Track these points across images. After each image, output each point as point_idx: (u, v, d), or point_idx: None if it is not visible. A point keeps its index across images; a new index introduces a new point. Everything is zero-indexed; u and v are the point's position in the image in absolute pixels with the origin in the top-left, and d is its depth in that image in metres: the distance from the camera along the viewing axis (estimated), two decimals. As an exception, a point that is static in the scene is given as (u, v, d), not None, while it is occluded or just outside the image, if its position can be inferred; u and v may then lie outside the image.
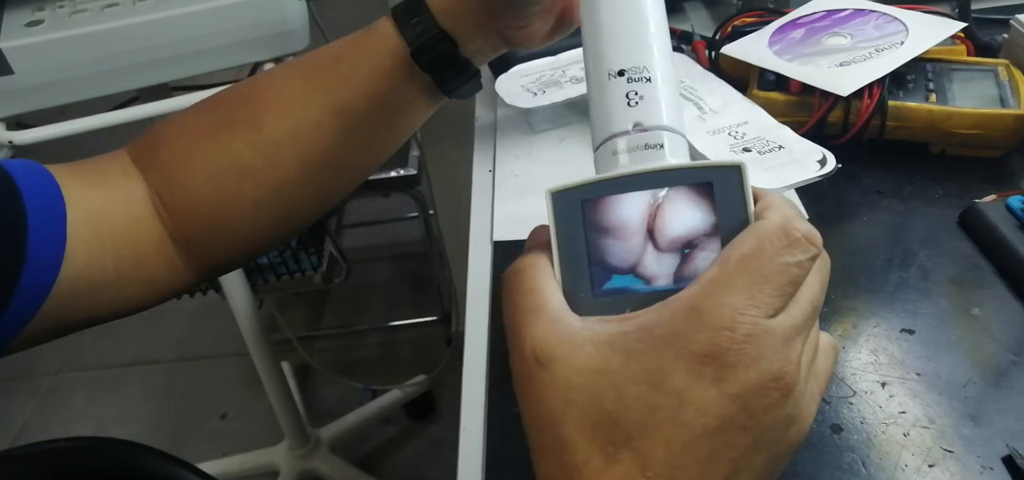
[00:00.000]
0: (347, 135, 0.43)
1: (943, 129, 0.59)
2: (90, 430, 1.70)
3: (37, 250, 0.37)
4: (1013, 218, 0.51)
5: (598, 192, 0.26)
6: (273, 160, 0.42)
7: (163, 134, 0.44)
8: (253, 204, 0.43)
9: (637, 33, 0.28)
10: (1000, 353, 0.45)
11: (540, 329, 0.25)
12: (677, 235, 0.26)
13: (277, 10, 0.78)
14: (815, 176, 0.55)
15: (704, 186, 0.25)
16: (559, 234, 0.26)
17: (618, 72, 0.28)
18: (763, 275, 0.24)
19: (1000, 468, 0.39)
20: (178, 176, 0.43)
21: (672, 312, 0.24)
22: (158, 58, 0.78)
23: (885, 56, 0.61)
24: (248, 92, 0.44)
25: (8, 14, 0.77)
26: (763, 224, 0.25)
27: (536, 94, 0.66)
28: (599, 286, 0.26)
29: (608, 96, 0.28)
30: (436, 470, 1.52)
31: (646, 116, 0.27)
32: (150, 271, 0.43)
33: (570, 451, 0.24)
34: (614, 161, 0.27)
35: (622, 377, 0.24)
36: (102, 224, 0.40)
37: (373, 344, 1.83)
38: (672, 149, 0.27)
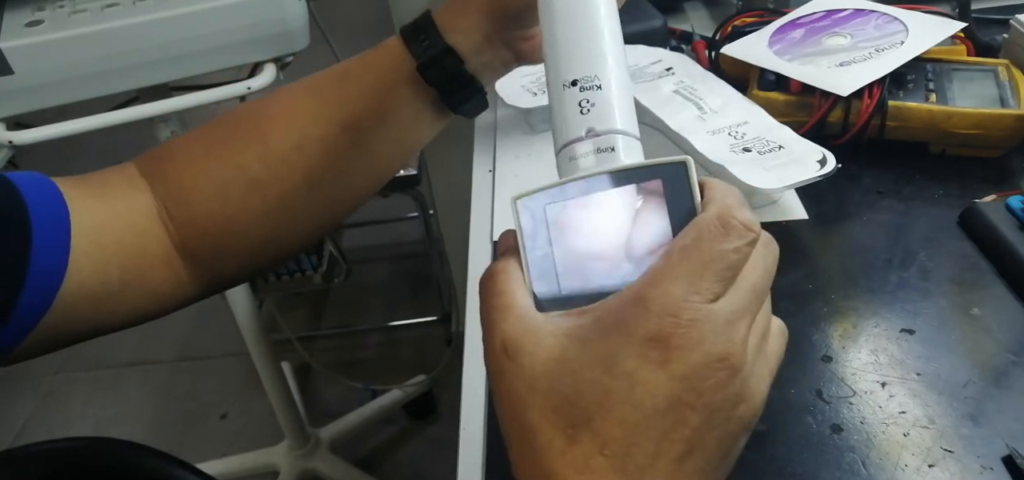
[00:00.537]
0: (352, 149, 0.43)
1: (943, 129, 0.59)
2: (90, 430, 1.70)
3: (41, 261, 0.37)
4: (1013, 218, 0.51)
5: (558, 196, 0.28)
6: (279, 173, 0.43)
7: (170, 148, 0.45)
8: (259, 217, 0.43)
9: (589, 45, 0.30)
10: (1000, 353, 0.45)
11: (509, 324, 0.27)
12: (631, 229, 0.28)
13: (277, 10, 0.79)
14: (815, 176, 0.55)
15: (654, 183, 0.27)
16: (526, 239, 0.28)
17: (572, 82, 0.29)
18: (702, 263, 0.25)
19: (1000, 468, 0.39)
20: (185, 188, 0.43)
21: (621, 302, 0.26)
22: (158, 58, 0.78)
23: (885, 56, 0.61)
24: (256, 108, 0.45)
25: (8, 14, 0.77)
26: (702, 216, 0.27)
27: (536, 94, 0.66)
28: (563, 284, 0.28)
29: (564, 105, 0.30)
30: (436, 470, 1.52)
31: (598, 121, 0.29)
32: (155, 283, 0.43)
33: (535, 434, 0.26)
34: (572, 166, 0.29)
35: (578, 364, 0.26)
36: (106, 236, 0.41)
37: (373, 344, 1.83)
38: (626, 151, 0.29)
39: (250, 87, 0.83)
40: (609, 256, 0.28)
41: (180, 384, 1.81)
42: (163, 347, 1.88)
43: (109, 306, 0.41)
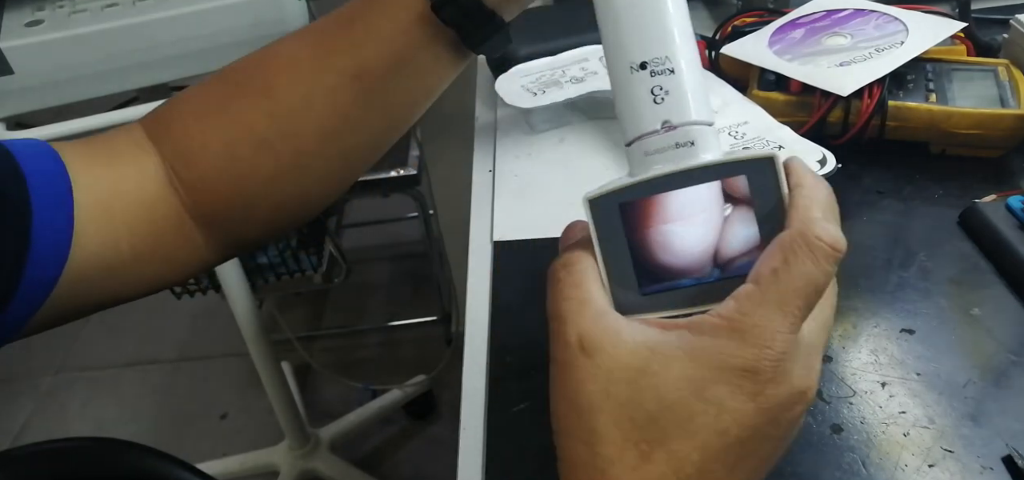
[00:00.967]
0: (365, 99, 0.40)
1: (943, 129, 0.59)
2: (90, 430, 1.70)
3: (43, 236, 0.36)
4: (1013, 218, 0.51)
5: (633, 195, 0.27)
6: (288, 130, 0.40)
7: (176, 108, 0.42)
8: (272, 177, 0.41)
9: (656, 19, 0.27)
10: (1000, 353, 0.45)
11: (587, 321, 0.26)
12: (714, 229, 0.27)
13: (277, 10, 0.79)
14: (815, 176, 0.54)
15: (738, 179, 0.26)
16: (600, 238, 0.27)
17: (640, 64, 0.27)
18: (793, 289, 0.25)
19: (1000, 468, 0.39)
20: (192, 150, 0.41)
21: (713, 326, 0.25)
22: (158, 58, 0.78)
23: (885, 56, 0.61)
24: (260, 60, 0.42)
25: (8, 14, 0.77)
26: (788, 235, 0.26)
27: (536, 94, 0.66)
28: (643, 286, 0.27)
29: (632, 92, 0.27)
30: (436, 470, 1.52)
31: (673, 113, 0.27)
32: (169, 250, 0.41)
33: (604, 442, 0.25)
34: (646, 162, 0.27)
35: (664, 379, 0.25)
36: (113, 204, 0.39)
37: (373, 344, 1.83)
38: (702, 143, 0.27)
39: (250, 87, 0.83)
40: (690, 257, 0.27)
41: (180, 384, 1.81)
42: (163, 347, 1.88)
43: (123, 276, 0.40)
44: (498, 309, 0.52)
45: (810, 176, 0.27)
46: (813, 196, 0.26)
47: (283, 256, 1.39)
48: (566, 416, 0.27)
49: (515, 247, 0.57)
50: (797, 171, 0.27)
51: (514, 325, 0.51)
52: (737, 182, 0.26)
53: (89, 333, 1.93)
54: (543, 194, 0.62)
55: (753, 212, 0.26)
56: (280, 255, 1.38)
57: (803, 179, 0.27)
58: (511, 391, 0.46)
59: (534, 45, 0.71)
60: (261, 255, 1.39)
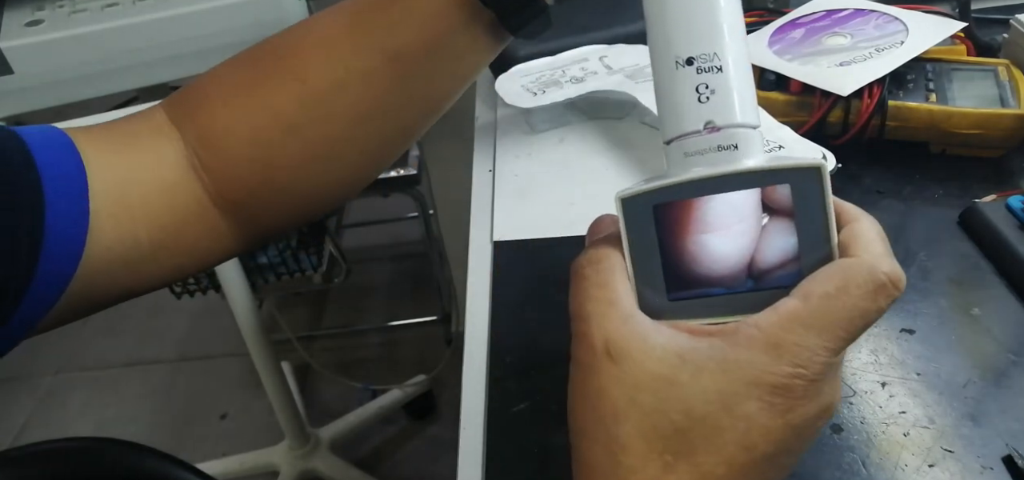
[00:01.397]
0: (401, 83, 0.38)
1: (943, 129, 0.59)
2: (90, 430, 1.70)
3: (57, 229, 0.34)
4: (1013, 218, 0.51)
5: (669, 196, 0.25)
6: (319, 115, 0.38)
7: (201, 90, 0.40)
8: (300, 162, 0.39)
9: (706, 12, 0.26)
10: (1000, 353, 0.45)
11: (613, 324, 0.25)
12: (751, 238, 0.26)
13: (277, 10, 0.79)
14: (815, 176, 0.54)
15: (781, 188, 0.25)
16: (631, 239, 0.26)
17: (686, 60, 0.26)
18: (844, 319, 0.24)
19: (1000, 468, 0.39)
20: (217, 135, 0.39)
21: (749, 339, 0.24)
22: (158, 58, 0.78)
23: (885, 56, 0.61)
24: (291, 41, 0.40)
25: (8, 14, 0.77)
26: (851, 263, 0.25)
27: (536, 94, 0.66)
28: (672, 291, 0.26)
29: (677, 88, 0.26)
30: (436, 470, 1.52)
31: (718, 114, 0.25)
32: (190, 240, 0.39)
33: (626, 451, 0.24)
34: (685, 163, 0.26)
35: (691, 391, 0.24)
36: (130, 193, 0.37)
37: (373, 344, 1.83)
38: (746, 148, 0.25)
39: (250, 87, 0.83)
40: (724, 266, 0.26)
41: (180, 384, 1.81)
42: (163, 347, 1.88)
43: (143, 268, 0.38)
44: (498, 309, 0.52)
45: (863, 213, 0.26)
46: (875, 230, 0.26)
47: (283, 256, 1.39)
48: (587, 420, 0.26)
49: (515, 247, 0.57)
50: (851, 211, 0.26)
51: (514, 325, 0.51)
52: (780, 191, 0.25)
53: (89, 333, 1.93)
54: (543, 194, 0.62)
55: (793, 224, 0.25)
56: (280, 255, 1.38)
57: (858, 212, 0.26)
58: (511, 391, 0.46)
59: (534, 45, 0.71)
60: (261, 255, 1.39)
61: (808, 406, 0.24)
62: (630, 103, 0.67)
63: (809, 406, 0.24)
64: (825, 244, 0.25)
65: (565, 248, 0.56)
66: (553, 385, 0.46)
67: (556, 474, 0.42)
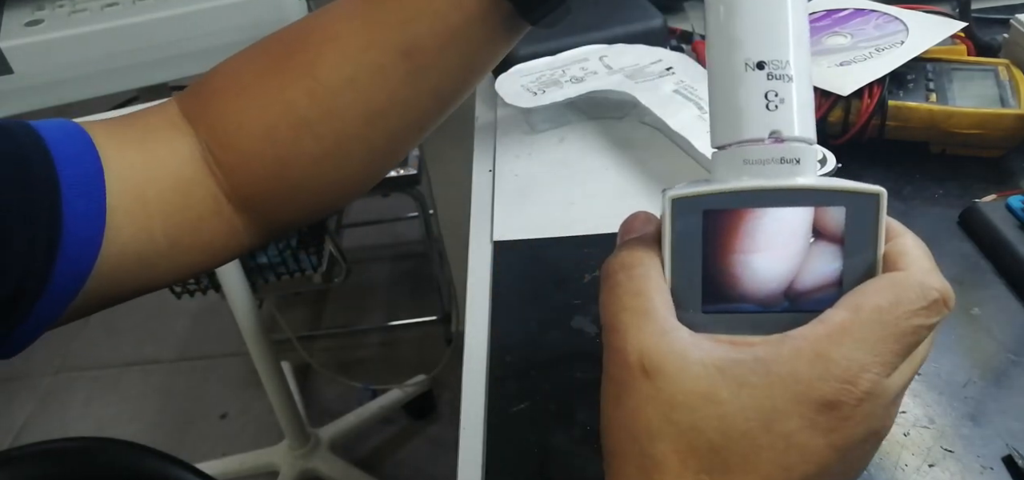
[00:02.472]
0: (415, 78, 0.37)
1: (943, 129, 0.58)
2: (90, 430, 1.70)
3: (75, 227, 0.34)
4: (1013, 218, 0.51)
5: (723, 203, 0.24)
6: (331, 111, 0.38)
7: (213, 84, 0.40)
8: (314, 159, 0.39)
9: (780, 18, 0.25)
10: (1000, 353, 0.45)
11: (649, 337, 0.24)
12: (797, 257, 0.25)
13: (277, 10, 0.79)
14: (815, 176, 0.54)
15: (836, 210, 0.24)
16: (675, 242, 0.25)
17: (757, 64, 0.24)
18: (895, 333, 0.23)
19: (1000, 468, 0.39)
20: (230, 131, 0.38)
21: (795, 352, 0.23)
22: (158, 58, 0.78)
23: (885, 56, 0.61)
24: (302, 34, 0.39)
25: (8, 13, 0.77)
26: (902, 277, 0.24)
27: (536, 94, 0.66)
28: (711, 302, 0.25)
29: (743, 91, 0.25)
30: (436, 470, 1.52)
31: (785, 124, 0.24)
32: (207, 236, 0.39)
33: (661, 470, 0.24)
34: (742, 170, 0.25)
35: (731, 408, 0.23)
36: (147, 190, 0.37)
37: (373, 344, 1.83)
38: (806, 164, 0.25)
39: (250, 87, 0.83)
40: (764, 283, 0.25)
41: (180, 384, 1.81)
42: (163, 347, 1.88)
43: (158, 264, 0.38)
44: (498, 309, 0.52)
45: (913, 235, 0.25)
46: (921, 248, 0.25)
47: (283, 256, 1.39)
48: (620, 438, 0.25)
49: (515, 247, 0.57)
50: (900, 230, 0.25)
51: (514, 325, 0.51)
52: (834, 212, 0.24)
53: (89, 333, 1.93)
54: (543, 194, 0.62)
55: (841, 249, 0.24)
56: (280, 255, 1.38)
57: (902, 228, 0.25)
58: (511, 391, 0.46)
59: (534, 45, 0.71)
60: (261, 255, 1.39)
61: (854, 428, 0.23)
62: (630, 103, 0.67)
63: (855, 429, 0.23)
64: (871, 273, 0.25)
65: (565, 248, 0.56)
66: (553, 385, 0.46)
67: (556, 474, 0.42)
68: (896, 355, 0.23)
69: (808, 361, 0.23)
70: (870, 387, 0.22)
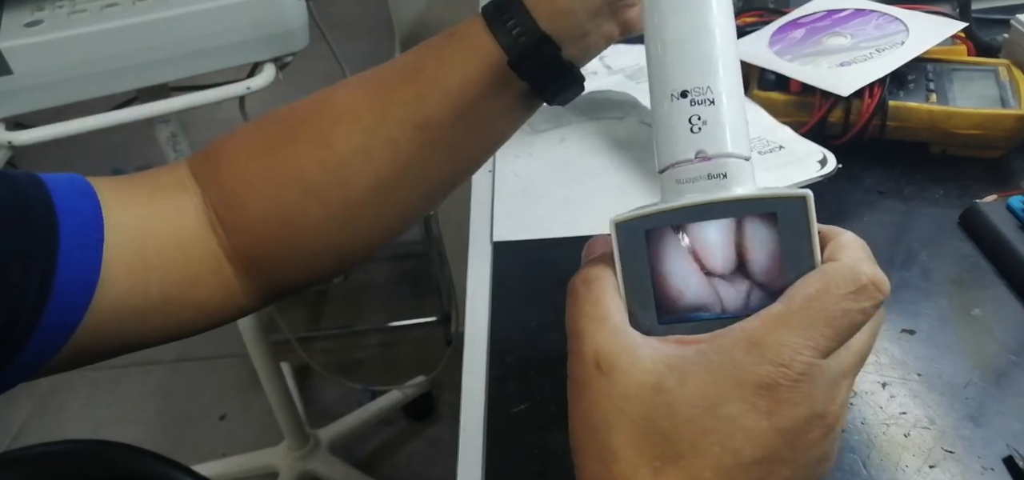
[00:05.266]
0: (427, 151, 0.38)
1: (943, 129, 0.58)
2: (89, 432, 1.70)
3: (69, 276, 0.34)
4: (1014, 218, 0.51)
5: (661, 222, 0.26)
6: (341, 178, 0.38)
7: (225, 146, 0.41)
8: (318, 223, 0.39)
9: (701, 49, 0.27)
10: (1001, 353, 0.45)
11: (604, 339, 0.26)
12: (740, 266, 0.26)
13: (277, 10, 0.78)
14: (816, 176, 0.54)
15: (768, 216, 0.26)
16: (624, 263, 0.27)
17: (681, 93, 0.27)
18: (825, 318, 0.24)
19: (1001, 469, 0.39)
20: (237, 191, 0.39)
21: (732, 341, 0.25)
22: (158, 58, 0.78)
23: (886, 56, 0.61)
24: (317, 105, 0.40)
25: (7, 14, 0.77)
26: (832, 266, 0.25)
27: (536, 94, 0.66)
28: (663, 315, 0.27)
29: (670, 119, 0.27)
30: (436, 470, 1.52)
31: (709, 143, 0.26)
32: (203, 295, 0.40)
33: (617, 459, 0.25)
34: (677, 190, 0.27)
35: (677, 396, 0.24)
36: (146, 245, 0.37)
37: (373, 344, 1.83)
38: (737, 177, 0.26)
39: (249, 87, 0.83)
40: (710, 291, 0.27)
41: (180, 384, 1.80)
42: (162, 348, 1.86)
43: (151, 320, 0.38)
44: (498, 309, 0.52)
45: (848, 232, 0.27)
46: (856, 242, 0.26)
47: (283, 257, 1.38)
48: (581, 434, 0.26)
49: (515, 247, 0.57)
50: (836, 230, 0.27)
51: (514, 325, 0.51)
52: (767, 219, 0.26)
53: (88, 334, 1.93)
54: (543, 194, 0.62)
55: (780, 252, 0.26)
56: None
57: (840, 230, 0.27)
58: (511, 391, 0.46)
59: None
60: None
61: (794, 410, 0.24)
62: (630, 103, 0.67)
63: (796, 410, 0.24)
64: (810, 267, 0.26)
65: (565, 248, 0.56)
66: (553, 385, 0.46)
67: (556, 474, 0.41)
68: (828, 338, 0.24)
69: (744, 349, 0.24)
70: (804, 368, 0.24)
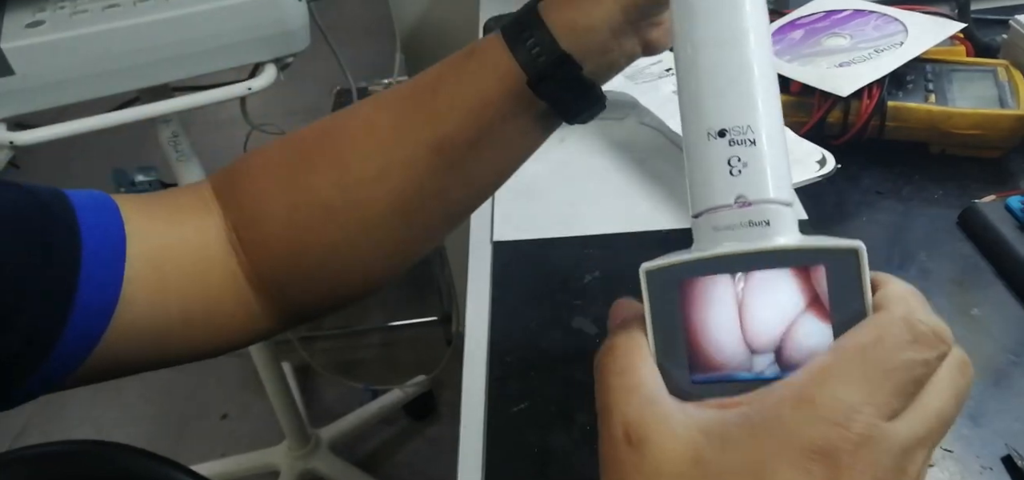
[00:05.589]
0: (445, 172, 0.37)
1: (942, 129, 0.59)
2: (90, 432, 1.70)
3: (89, 293, 0.34)
4: (1012, 218, 0.51)
5: (696, 271, 0.24)
6: (358, 200, 0.38)
7: (245, 165, 0.41)
8: (337, 245, 0.39)
9: (741, 84, 0.25)
10: (1000, 353, 0.45)
11: (633, 408, 0.24)
12: (784, 322, 0.24)
13: (277, 11, 0.79)
14: (815, 176, 0.55)
15: (815, 269, 0.24)
16: (654, 315, 0.25)
17: (718, 132, 0.25)
18: (883, 370, 0.22)
19: (1000, 468, 0.39)
20: (256, 211, 0.39)
21: (778, 399, 0.22)
22: (159, 59, 0.78)
23: (884, 57, 0.61)
24: (335, 126, 0.40)
25: (9, 15, 0.77)
26: (884, 315, 0.23)
27: (536, 95, 0.66)
28: (697, 372, 0.25)
29: (707, 159, 0.25)
30: (436, 470, 1.52)
31: (750, 188, 0.24)
32: (222, 316, 0.39)
33: None
34: (714, 237, 0.25)
35: (718, 467, 0.22)
36: (166, 265, 0.37)
37: (373, 344, 1.83)
38: (778, 225, 0.24)
39: (251, 87, 0.83)
40: (750, 349, 0.24)
41: (180, 384, 1.81)
42: (163, 348, 1.88)
43: (170, 341, 0.38)
44: (498, 309, 0.52)
45: (902, 282, 0.25)
46: (908, 289, 0.24)
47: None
48: None
49: (515, 247, 0.57)
50: (886, 278, 0.25)
51: (514, 325, 0.51)
52: (815, 272, 0.24)
53: (89, 334, 1.93)
54: (543, 194, 0.62)
55: (828, 309, 0.24)
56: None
57: (894, 281, 0.24)
58: (511, 391, 0.46)
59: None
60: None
61: (857, 478, 0.20)
62: (630, 103, 0.67)
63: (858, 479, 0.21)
64: None
65: (565, 248, 0.57)
66: (553, 385, 0.46)
67: (556, 474, 0.42)
68: (889, 394, 0.21)
69: (792, 406, 0.21)
70: (865, 430, 0.21)
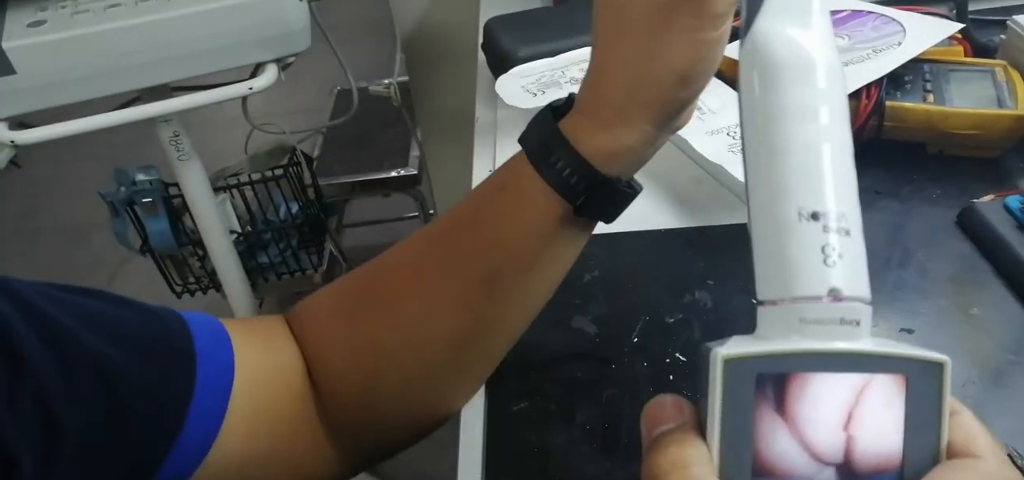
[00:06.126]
0: (498, 302, 0.38)
1: (940, 129, 0.59)
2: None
3: (195, 423, 0.34)
4: (1011, 218, 0.52)
5: (778, 367, 0.22)
6: (414, 341, 0.38)
7: (307, 309, 0.41)
8: (400, 387, 0.39)
9: (839, 167, 0.23)
10: (999, 353, 0.45)
11: None
12: (859, 431, 0.22)
13: (278, 11, 0.79)
14: (814, 177, 0.55)
15: (896, 378, 0.22)
16: (725, 410, 0.22)
17: (811, 214, 0.23)
18: None
19: (997, 467, 0.40)
20: (322, 354, 0.40)
21: None
22: (159, 59, 0.78)
23: (883, 57, 0.61)
24: (387, 267, 0.40)
25: (10, 14, 0.78)
26: (983, 465, 0.22)
27: (536, 95, 0.67)
28: (761, 477, 0.23)
29: (796, 242, 0.23)
30: (436, 470, 1.52)
31: (846, 283, 0.23)
32: (299, 456, 0.39)
33: None
34: (798, 329, 0.23)
35: None
36: (260, 395, 0.37)
37: (373, 344, 1.83)
38: (865, 327, 0.23)
39: (252, 87, 0.84)
40: (820, 457, 0.22)
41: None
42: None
43: (252, 474, 0.37)
44: (498, 309, 0.52)
45: (976, 420, 0.24)
46: (983, 431, 0.23)
47: (283, 256, 1.39)
48: None
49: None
50: (963, 410, 0.24)
51: (514, 325, 0.51)
52: (894, 381, 0.22)
53: (89, 333, 1.93)
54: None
55: (902, 423, 0.22)
56: (280, 255, 1.39)
57: (958, 404, 0.23)
58: (511, 391, 0.46)
59: (534, 46, 0.71)
60: (262, 254, 1.39)
61: None
62: (630, 104, 0.67)
63: None
64: (933, 448, 0.22)
65: (565, 248, 0.57)
66: (553, 385, 0.46)
67: (556, 474, 0.42)
68: None
69: None
70: None
